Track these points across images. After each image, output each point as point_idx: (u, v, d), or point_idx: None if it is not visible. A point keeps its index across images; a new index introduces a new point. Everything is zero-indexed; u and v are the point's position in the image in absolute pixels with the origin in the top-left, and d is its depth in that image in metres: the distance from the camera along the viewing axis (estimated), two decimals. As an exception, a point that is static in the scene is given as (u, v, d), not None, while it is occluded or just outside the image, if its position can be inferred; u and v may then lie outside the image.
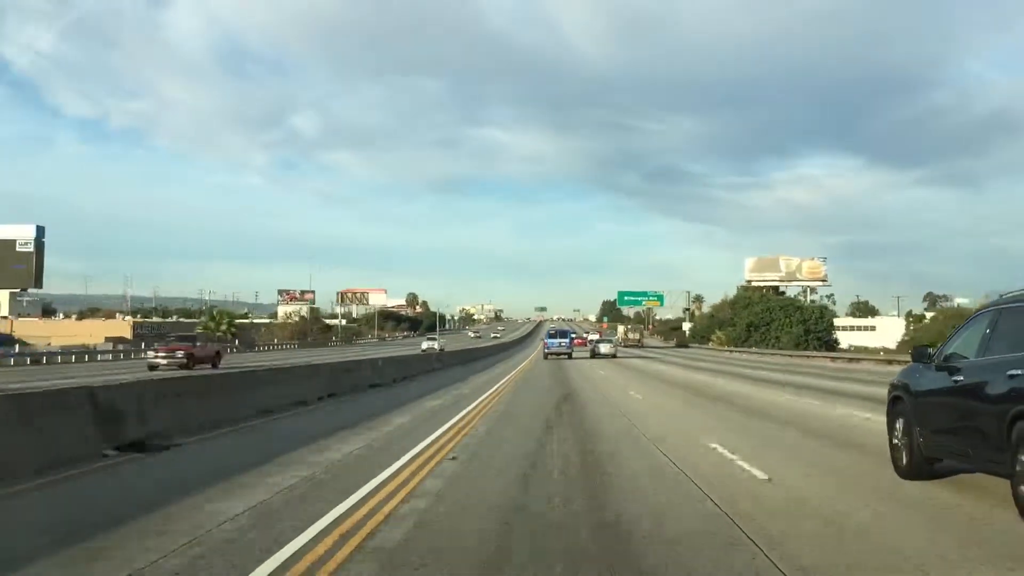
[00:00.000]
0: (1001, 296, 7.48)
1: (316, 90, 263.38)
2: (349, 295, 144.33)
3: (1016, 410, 6.21)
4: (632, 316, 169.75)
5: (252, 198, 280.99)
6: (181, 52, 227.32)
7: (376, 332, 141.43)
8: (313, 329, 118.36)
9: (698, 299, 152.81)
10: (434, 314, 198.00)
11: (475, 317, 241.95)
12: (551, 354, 50.39)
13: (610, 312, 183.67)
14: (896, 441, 8.42)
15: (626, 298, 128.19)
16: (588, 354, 56.08)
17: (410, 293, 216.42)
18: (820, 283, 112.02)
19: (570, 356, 50.29)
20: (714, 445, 10.58)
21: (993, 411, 6.55)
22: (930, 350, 8.21)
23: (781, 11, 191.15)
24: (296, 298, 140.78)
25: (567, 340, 52.14)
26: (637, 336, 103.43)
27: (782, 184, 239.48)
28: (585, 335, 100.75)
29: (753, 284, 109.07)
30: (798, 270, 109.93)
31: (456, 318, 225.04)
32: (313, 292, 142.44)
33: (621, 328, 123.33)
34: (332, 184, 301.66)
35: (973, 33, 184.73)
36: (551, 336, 53.26)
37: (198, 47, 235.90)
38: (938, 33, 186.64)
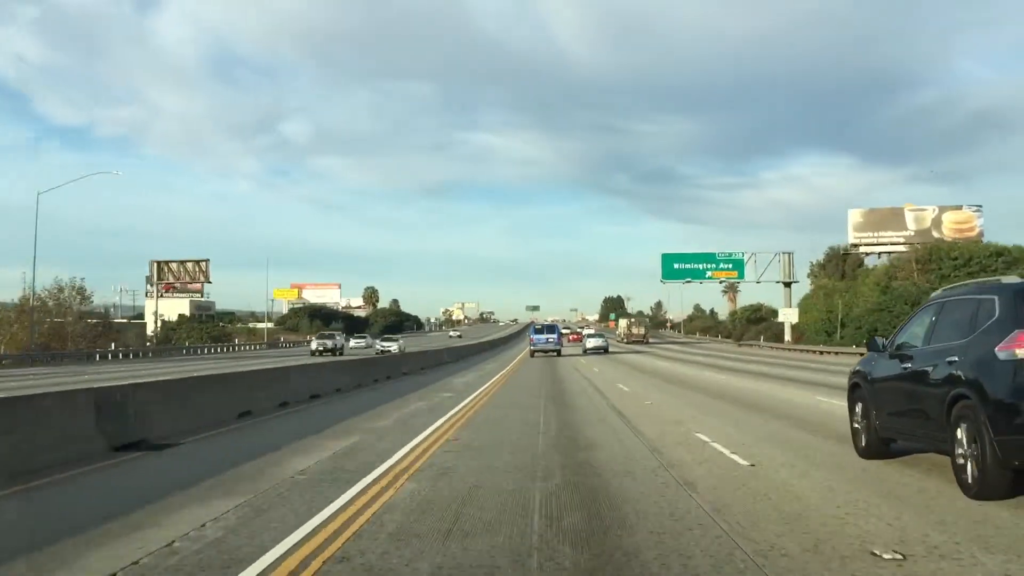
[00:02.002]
0: (944, 289, 8.18)
1: (306, 96, 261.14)
2: (171, 269, 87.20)
3: (954, 393, 6.90)
4: (636, 312, 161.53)
5: (243, 204, 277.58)
6: (170, 58, 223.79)
7: (266, 336, 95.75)
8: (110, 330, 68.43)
9: (732, 288, 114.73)
10: (400, 314, 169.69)
11: (454, 318, 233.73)
12: (538, 351, 47.94)
13: (616, 309, 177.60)
14: (856, 424, 9.12)
15: (675, 266, 75.19)
16: (581, 351, 55.52)
17: (368, 288, 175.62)
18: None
19: (559, 353, 47.75)
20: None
21: (935, 394, 7.24)
22: (883, 340, 8.91)
23: (771, 12, 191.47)
24: (177, 289, 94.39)
25: (555, 335, 49.51)
26: (641, 331, 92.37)
27: (774, 184, 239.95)
28: (580, 331, 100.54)
29: (862, 248, 72.05)
30: (935, 226, 68.45)
31: (439, 320, 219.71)
32: (201, 283, 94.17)
33: (623, 322, 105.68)
34: (323, 189, 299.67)
35: (962, 31, 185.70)
36: (537, 332, 50.45)
37: (187, 53, 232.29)
38: (928, 32, 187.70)
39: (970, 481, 6.63)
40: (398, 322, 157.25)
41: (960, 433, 6.78)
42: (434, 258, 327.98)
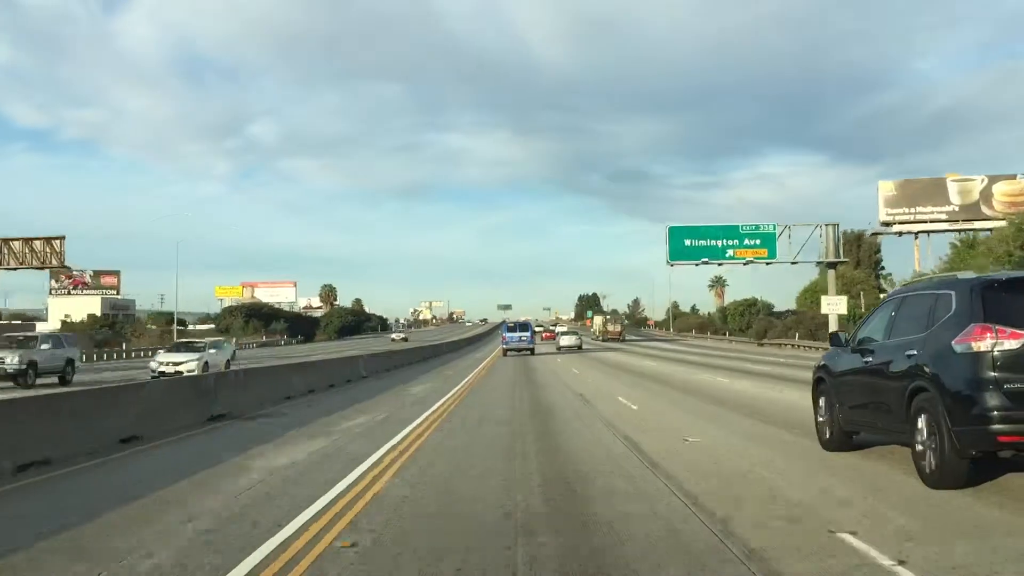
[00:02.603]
0: (904, 285, 8.41)
1: (274, 97, 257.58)
2: (13, 249, 62.41)
3: (914, 385, 7.11)
4: (610, 310, 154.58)
5: (212, 207, 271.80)
6: (136, 60, 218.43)
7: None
8: None
9: (719, 281, 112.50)
10: (360, 314, 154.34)
11: (422, 318, 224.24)
12: (510, 350, 45.65)
13: (592, 306, 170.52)
14: (820, 418, 9.34)
15: (686, 244, 55.35)
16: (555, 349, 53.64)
17: (325, 286, 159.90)
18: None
19: (532, 352, 45.72)
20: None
21: (896, 387, 7.44)
22: (845, 335, 9.15)
23: (741, 13, 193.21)
24: (86, 283, 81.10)
25: (528, 333, 47.41)
26: (617, 328, 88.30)
27: (744, 183, 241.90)
28: (552, 329, 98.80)
29: (896, 227, 60.49)
30: (984, 199, 57.30)
31: (407, 321, 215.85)
32: (118, 274, 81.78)
33: (598, 320, 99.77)
34: (293, 192, 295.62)
35: (927, 33, 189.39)
36: (510, 330, 48.22)
37: (153, 55, 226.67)
38: (894, 33, 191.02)
39: (929, 470, 6.84)
40: (357, 322, 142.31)
41: (920, 424, 6.99)
42: (406, 260, 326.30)
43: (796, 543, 5.31)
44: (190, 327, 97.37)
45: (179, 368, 28.31)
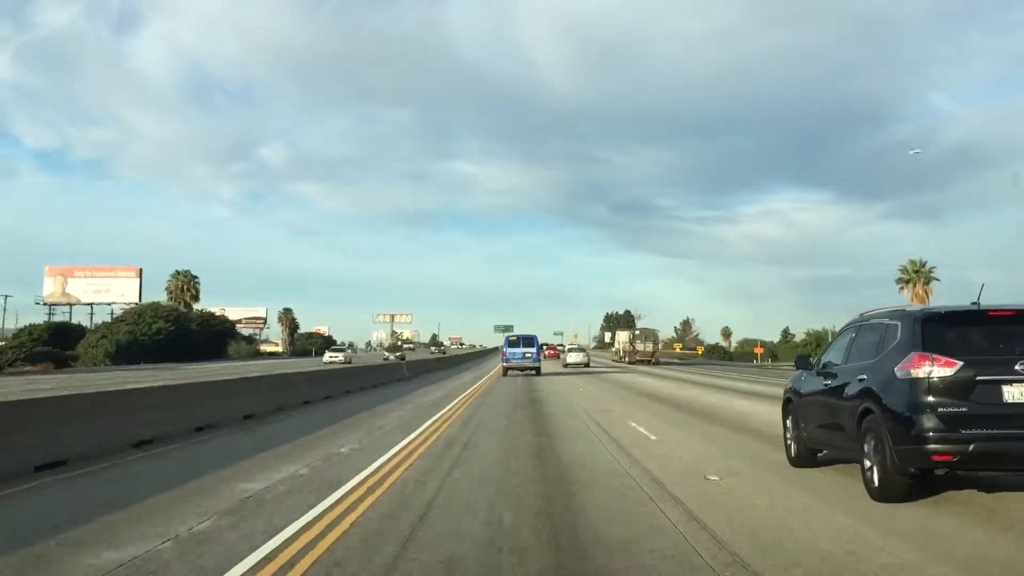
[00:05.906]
0: (861, 315, 9.11)
1: (284, 121, 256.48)
2: None
3: (863, 407, 7.80)
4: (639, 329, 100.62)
5: (218, 230, 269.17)
6: (147, 82, 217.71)
7: None
8: None
9: (920, 270, 60.54)
10: (218, 324, 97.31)
11: (375, 340, 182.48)
12: (512, 368, 41.04)
13: (627, 326, 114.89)
14: (788, 436, 10.01)
15: None
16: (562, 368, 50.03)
17: (178, 274, 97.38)
18: None
19: (538, 372, 41.29)
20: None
21: (849, 408, 8.14)
22: (811, 359, 9.84)
23: (749, 46, 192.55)
24: None
25: (534, 350, 41.98)
26: (649, 348, 71.99)
27: (750, 217, 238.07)
28: (557, 347, 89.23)
29: None
30: None
31: (380, 343, 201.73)
32: None
33: (623, 336, 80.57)
34: (299, 216, 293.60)
35: (936, 68, 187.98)
36: (512, 344, 42.49)
37: (164, 77, 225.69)
38: (903, 68, 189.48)
39: (875, 485, 7.50)
40: (180, 336, 79.44)
41: (867, 443, 7.67)
42: (409, 286, 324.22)
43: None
44: None
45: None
